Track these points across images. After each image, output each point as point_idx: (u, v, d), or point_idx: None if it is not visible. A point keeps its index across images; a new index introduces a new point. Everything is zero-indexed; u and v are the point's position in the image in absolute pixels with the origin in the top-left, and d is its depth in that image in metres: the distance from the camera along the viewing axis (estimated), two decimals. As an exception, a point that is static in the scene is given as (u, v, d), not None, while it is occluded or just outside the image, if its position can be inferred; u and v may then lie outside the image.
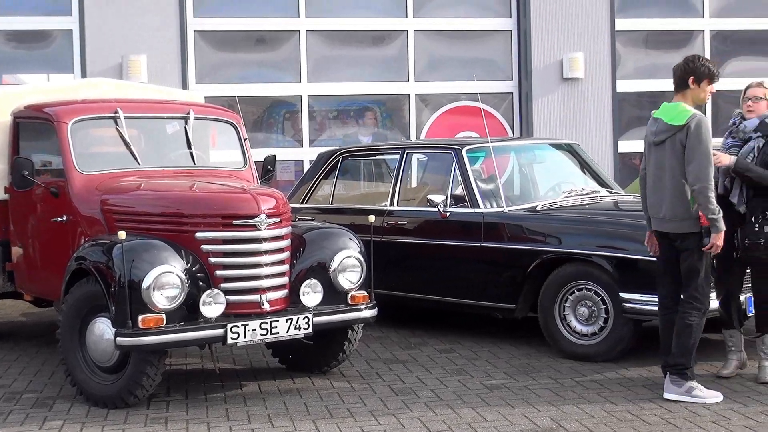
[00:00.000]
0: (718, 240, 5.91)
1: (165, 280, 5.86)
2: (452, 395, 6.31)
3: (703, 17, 12.94)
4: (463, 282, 7.82)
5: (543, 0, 12.13)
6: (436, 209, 7.86)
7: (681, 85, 6.09)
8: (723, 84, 6.80)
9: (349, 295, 6.58)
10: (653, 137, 6.08)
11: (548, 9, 12.14)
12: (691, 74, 6.04)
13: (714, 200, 5.87)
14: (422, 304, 8.44)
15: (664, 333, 6.20)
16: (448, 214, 7.86)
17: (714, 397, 6.00)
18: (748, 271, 6.46)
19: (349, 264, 6.58)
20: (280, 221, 6.37)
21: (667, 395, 6.03)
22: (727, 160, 6.18)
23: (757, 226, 6.19)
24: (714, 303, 6.50)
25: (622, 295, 6.85)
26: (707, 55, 12.82)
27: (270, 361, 7.27)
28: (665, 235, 6.13)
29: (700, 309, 6.02)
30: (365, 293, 6.65)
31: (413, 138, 12.09)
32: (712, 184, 5.90)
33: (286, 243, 6.43)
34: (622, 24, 12.52)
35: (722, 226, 5.90)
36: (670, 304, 6.20)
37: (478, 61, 12.49)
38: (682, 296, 6.10)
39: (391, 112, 12.51)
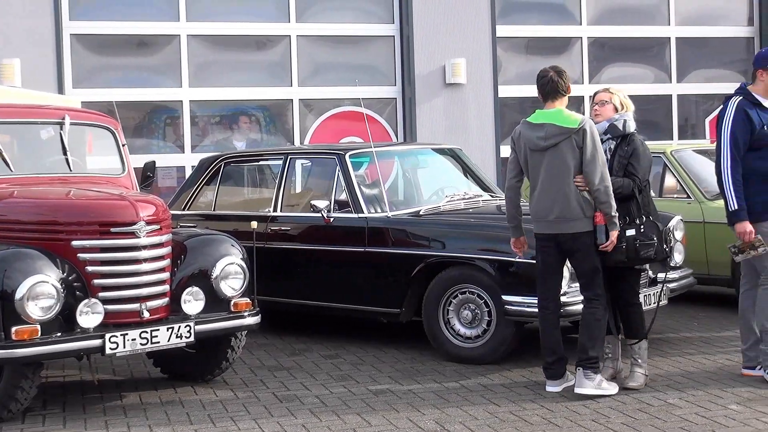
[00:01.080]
0: (615, 236, 6.11)
1: (39, 290, 5.69)
2: (337, 401, 6.28)
3: (581, 24, 13.23)
4: (348, 287, 7.81)
5: (425, 6, 12.22)
6: (319, 215, 7.82)
7: (559, 92, 6.26)
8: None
9: (232, 303, 6.50)
10: (543, 142, 6.14)
11: (430, 15, 12.24)
12: (568, 82, 6.30)
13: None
14: (307, 310, 8.38)
15: (545, 334, 6.30)
16: (331, 219, 7.84)
17: (615, 389, 6.20)
18: None
19: (231, 271, 6.50)
20: (160, 228, 6.25)
21: (580, 390, 6.12)
22: None
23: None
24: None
25: (504, 297, 6.92)
26: (585, 61, 13.15)
27: (151, 370, 7.13)
28: (552, 238, 6.21)
29: (604, 304, 6.18)
30: (248, 300, 6.58)
31: (297, 143, 12.03)
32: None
33: (166, 250, 6.31)
34: (503, 30, 12.71)
35: (618, 223, 6.12)
36: (550, 306, 6.31)
37: (361, 66, 12.52)
38: (582, 294, 6.24)
39: (274, 117, 12.43)
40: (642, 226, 6.34)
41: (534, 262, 6.67)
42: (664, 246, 6.59)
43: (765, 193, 6.33)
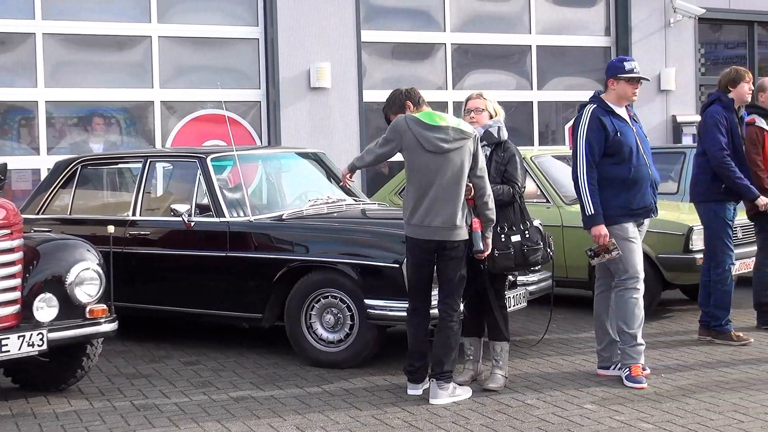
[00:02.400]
0: (490, 244, 6.20)
1: None
2: (197, 408, 6.16)
3: (444, 31, 13.37)
4: (210, 292, 7.68)
5: (290, 9, 12.15)
6: (180, 219, 7.67)
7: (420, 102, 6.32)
8: (464, 96, 7.01)
9: (87, 309, 6.31)
10: (446, 144, 6.04)
11: (295, 18, 12.17)
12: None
13: None
14: (168, 316, 8.22)
15: (415, 338, 6.29)
16: (192, 223, 7.69)
17: (468, 393, 6.27)
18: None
19: (86, 276, 6.32)
20: (11, 233, 6.04)
21: (435, 401, 6.11)
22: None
23: (503, 236, 6.43)
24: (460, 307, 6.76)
25: (367, 301, 6.91)
26: (449, 67, 13.29)
27: (2, 380, 6.85)
28: (429, 244, 6.16)
29: (459, 314, 6.21)
30: (104, 306, 6.39)
31: (158, 146, 11.78)
32: None
33: (17, 256, 6.10)
34: (368, 35, 12.73)
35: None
36: (422, 312, 6.31)
37: (225, 68, 12.35)
38: (444, 303, 6.21)
39: (135, 119, 12.12)
40: (527, 232, 6.49)
41: (396, 266, 6.71)
42: (548, 250, 6.72)
43: (620, 197, 6.51)
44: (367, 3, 12.86)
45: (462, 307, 6.42)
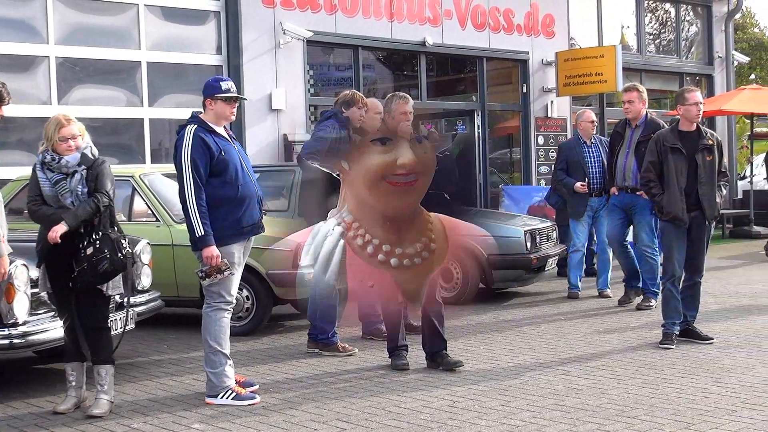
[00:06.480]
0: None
1: None
2: None
3: (48, 43, 12.76)
4: None
5: None
6: None
7: None
8: (71, 110, 6.67)
9: None
10: None
11: None
12: None
13: None
14: None
15: None
16: None
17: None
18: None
19: None
20: None
21: None
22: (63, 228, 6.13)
23: (83, 251, 6.22)
24: (59, 332, 6.44)
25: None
26: (54, 81, 12.69)
27: None
28: None
29: None
30: None
31: None
32: None
33: None
34: (-40, 46, 11.89)
35: (3, 250, 5.79)
36: None
37: None
38: None
39: None
40: (98, 242, 6.25)
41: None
42: (120, 255, 6.38)
43: (229, 217, 6.50)
44: (-40, 11, 12.02)
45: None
